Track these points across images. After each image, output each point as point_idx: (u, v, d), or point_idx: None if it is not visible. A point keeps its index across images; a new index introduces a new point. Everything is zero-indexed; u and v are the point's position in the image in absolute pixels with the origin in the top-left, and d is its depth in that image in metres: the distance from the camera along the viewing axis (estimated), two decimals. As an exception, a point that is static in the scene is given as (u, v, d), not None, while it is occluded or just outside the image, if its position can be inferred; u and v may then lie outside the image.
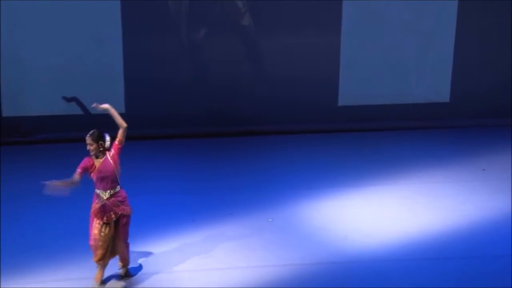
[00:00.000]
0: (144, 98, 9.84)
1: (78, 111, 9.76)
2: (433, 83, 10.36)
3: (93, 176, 6.52)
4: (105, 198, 6.51)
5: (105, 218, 6.52)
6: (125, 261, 6.80)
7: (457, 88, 10.35)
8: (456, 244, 7.51)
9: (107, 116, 9.63)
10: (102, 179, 6.49)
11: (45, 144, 9.64)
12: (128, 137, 9.59)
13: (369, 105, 10.22)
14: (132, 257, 7.08)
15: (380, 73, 10.19)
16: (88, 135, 6.54)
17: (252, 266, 7.08)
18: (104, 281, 6.76)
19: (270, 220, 7.91)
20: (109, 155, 6.59)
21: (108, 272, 6.74)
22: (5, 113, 9.57)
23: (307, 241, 7.56)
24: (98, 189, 6.53)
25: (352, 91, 10.18)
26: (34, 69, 9.61)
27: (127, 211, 6.62)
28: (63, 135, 9.72)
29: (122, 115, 9.60)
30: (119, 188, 6.60)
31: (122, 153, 9.44)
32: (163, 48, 9.81)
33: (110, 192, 6.53)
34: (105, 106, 6.72)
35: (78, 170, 6.52)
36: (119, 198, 6.57)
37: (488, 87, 10.36)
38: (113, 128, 9.70)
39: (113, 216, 6.54)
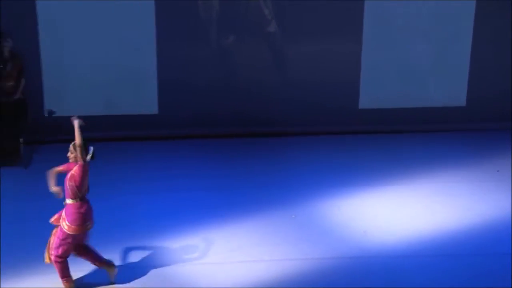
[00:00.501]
0: (175, 99, 9.85)
1: (115, 111, 9.82)
2: (450, 88, 10.27)
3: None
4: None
5: (53, 218, 6.51)
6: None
7: (473, 92, 10.23)
8: (470, 242, 7.48)
9: (138, 117, 9.79)
10: (65, 185, 6.33)
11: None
12: (159, 137, 9.77)
13: (388, 108, 10.18)
14: (161, 250, 7.20)
15: (399, 78, 10.13)
16: (72, 143, 6.38)
17: (276, 260, 7.11)
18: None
19: (293, 216, 7.93)
20: (74, 168, 6.32)
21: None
22: (47, 114, 9.51)
23: (328, 236, 7.57)
24: None
25: (372, 94, 10.13)
26: (74, 72, 9.66)
27: (62, 226, 6.33)
28: (101, 134, 9.71)
29: (155, 116, 9.84)
30: (67, 202, 6.35)
31: (157, 151, 9.55)
32: (194, 53, 9.82)
33: (65, 201, 6.38)
34: (74, 120, 6.51)
35: (61, 166, 6.42)
36: (66, 211, 6.36)
37: (504, 91, 10.22)
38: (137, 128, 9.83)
39: (55, 221, 6.45)
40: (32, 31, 9.37)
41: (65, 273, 6.48)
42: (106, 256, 6.93)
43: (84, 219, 6.36)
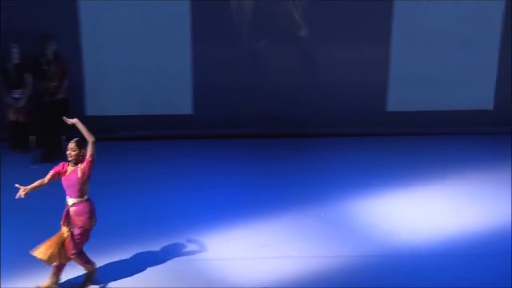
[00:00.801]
0: (209, 100, 9.87)
1: (151, 111, 9.86)
2: (477, 91, 10.15)
3: (62, 181, 6.31)
4: (69, 205, 6.33)
5: (63, 222, 6.35)
6: (86, 268, 6.55)
7: (501, 96, 10.11)
8: (496, 242, 7.41)
9: (173, 116, 9.85)
10: (67, 186, 6.30)
11: (123, 141, 9.79)
12: (193, 136, 9.82)
13: (416, 111, 10.09)
14: (193, 244, 7.22)
15: (427, 81, 10.03)
16: (73, 141, 6.31)
17: (305, 256, 7.12)
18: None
19: (322, 214, 7.92)
20: (80, 166, 6.25)
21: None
22: (88, 113, 9.71)
23: (356, 235, 7.56)
24: (66, 195, 6.33)
25: (400, 97, 10.06)
26: (113, 73, 9.72)
27: (83, 224, 6.32)
28: (137, 133, 9.86)
29: (189, 116, 9.90)
30: (83, 200, 6.32)
31: (191, 150, 9.62)
32: (228, 56, 9.85)
33: (74, 201, 6.29)
34: (74, 120, 6.42)
35: (51, 172, 6.33)
36: (80, 209, 6.30)
37: None
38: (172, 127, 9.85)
39: (69, 223, 6.33)
40: (75, 34, 9.47)
41: (88, 259, 6.54)
42: (145, 249, 7.08)
43: (95, 213, 6.45)
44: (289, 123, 9.96)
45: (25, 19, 9.22)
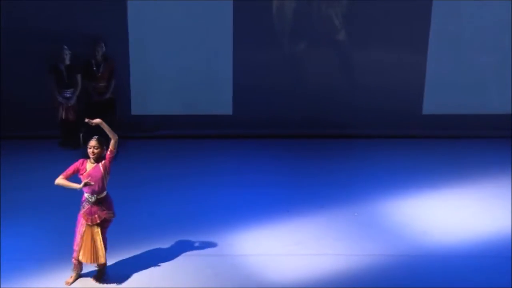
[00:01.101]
0: (249, 102, 9.89)
1: (192, 111, 9.92)
2: (503, 95, 10.02)
3: (82, 179, 6.20)
4: (91, 201, 6.24)
5: (90, 220, 6.25)
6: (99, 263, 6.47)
7: None
8: None
9: (213, 117, 9.88)
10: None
11: (165, 139, 9.84)
12: (233, 136, 9.86)
13: (451, 114, 10.01)
14: (231, 240, 7.25)
15: (462, 85, 9.94)
16: (94, 139, 6.27)
17: (338, 254, 7.09)
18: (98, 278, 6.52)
19: (355, 214, 7.90)
20: (101, 163, 6.24)
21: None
22: (133, 112, 9.82)
23: (388, 234, 7.52)
24: (86, 192, 6.24)
25: (436, 101, 9.99)
26: (158, 74, 9.80)
27: (110, 217, 6.34)
28: (179, 132, 9.91)
29: (229, 117, 9.92)
30: (105, 194, 6.31)
31: (230, 149, 9.65)
32: (267, 59, 9.85)
33: (97, 196, 6.24)
34: (97, 121, 6.33)
35: (71, 168, 6.26)
36: (104, 204, 6.29)
37: None
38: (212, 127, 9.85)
39: (97, 219, 6.25)
40: (123, 37, 9.56)
41: None
42: (186, 242, 7.15)
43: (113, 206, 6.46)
44: (326, 124, 9.95)
45: (77, 22, 9.34)
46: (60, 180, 6.23)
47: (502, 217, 7.87)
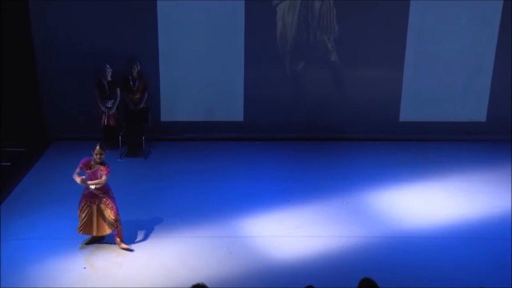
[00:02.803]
0: (257, 110, 9.83)
1: (211, 118, 9.87)
2: (473, 105, 9.93)
3: (87, 174, 6.48)
4: (92, 188, 6.49)
5: (89, 202, 6.52)
6: (118, 236, 6.67)
7: (492, 110, 9.89)
8: (488, 228, 7.33)
9: (228, 123, 9.89)
10: (90, 178, 6.49)
11: (189, 141, 9.80)
12: (244, 138, 9.84)
13: (424, 121, 9.94)
14: (242, 224, 7.26)
15: (433, 97, 9.84)
16: (99, 146, 6.48)
17: (330, 236, 7.11)
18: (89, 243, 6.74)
19: (345, 203, 7.89)
20: (101, 168, 6.48)
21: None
22: (163, 119, 9.80)
23: (372, 219, 7.53)
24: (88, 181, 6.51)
25: (410, 110, 9.90)
26: (183, 87, 9.75)
27: (109, 195, 6.57)
28: (200, 135, 9.87)
29: (240, 123, 9.91)
30: (101, 185, 6.52)
31: (242, 149, 9.58)
32: (272, 75, 9.79)
33: (95, 187, 6.48)
34: (78, 180, 6.45)
35: (80, 165, 6.48)
36: (102, 190, 6.51)
37: None
38: (227, 131, 9.85)
39: (95, 201, 6.52)
40: (154, 57, 9.52)
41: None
42: (202, 227, 7.18)
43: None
44: (321, 129, 9.89)
45: (117, 45, 9.34)
46: (74, 176, 6.44)
47: (465, 205, 7.87)
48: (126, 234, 6.85)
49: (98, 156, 6.49)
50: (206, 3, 9.33)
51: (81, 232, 6.66)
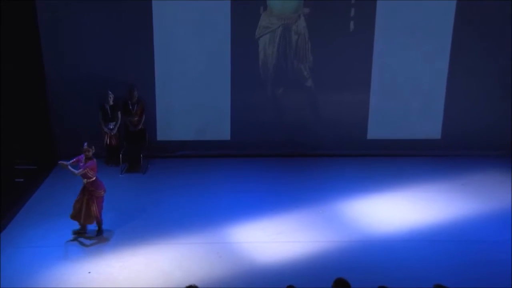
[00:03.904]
0: (243, 130, 9.81)
1: (201, 137, 9.81)
2: (430, 125, 10.00)
3: (79, 166, 6.88)
4: (84, 183, 6.92)
5: (82, 193, 6.92)
6: (97, 224, 7.08)
7: (446, 128, 9.96)
8: (443, 232, 7.42)
9: (216, 141, 9.83)
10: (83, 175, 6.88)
11: (182, 158, 9.77)
12: (231, 155, 9.80)
13: (388, 139, 9.98)
14: (229, 231, 7.23)
15: (396, 118, 9.92)
16: (87, 145, 6.86)
17: (308, 241, 7.10)
18: (77, 232, 7.05)
19: (320, 212, 7.89)
20: (89, 162, 6.84)
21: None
22: (159, 138, 9.77)
23: (345, 226, 7.53)
24: (83, 178, 6.91)
25: (377, 129, 9.96)
26: (177, 111, 9.72)
27: (98, 194, 6.96)
28: (192, 152, 9.84)
29: (228, 142, 9.88)
30: (93, 179, 6.90)
31: (229, 165, 9.54)
32: (256, 99, 9.80)
33: (87, 180, 6.89)
34: (63, 164, 6.84)
35: (75, 159, 6.91)
36: (94, 185, 6.91)
37: (471, 127, 9.88)
38: (215, 149, 9.80)
39: (87, 194, 6.90)
40: (151, 83, 9.52)
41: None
42: (192, 234, 7.12)
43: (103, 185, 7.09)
44: (299, 146, 9.89)
45: (118, 74, 9.33)
46: (65, 165, 6.82)
47: (424, 212, 7.91)
48: (127, 241, 6.88)
49: (86, 153, 6.86)
50: (197, 35, 9.40)
51: (73, 219, 7.00)
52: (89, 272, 6.34)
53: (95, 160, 6.95)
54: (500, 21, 9.49)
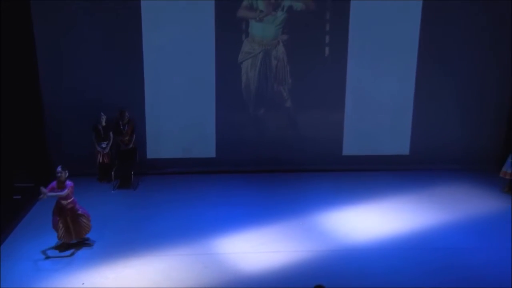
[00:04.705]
0: (227, 148, 9.86)
1: (188, 155, 9.81)
2: (399, 141, 10.14)
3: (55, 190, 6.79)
4: (65, 204, 6.86)
5: (62, 215, 6.87)
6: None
7: (414, 145, 10.13)
8: (412, 240, 7.49)
9: (202, 159, 9.80)
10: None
11: (171, 175, 9.78)
12: (217, 171, 9.77)
13: (362, 155, 10.11)
14: (214, 242, 7.20)
15: (369, 135, 10.05)
16: (61, 168, 6.79)
17: (288, 251, 7.12)
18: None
19: (300, 223, 7.94)
20: (66, 184, 6.79)
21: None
22: (148, 156, 9.78)
23: (323, 236, 7.55)
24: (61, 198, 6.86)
25: (351, 146, 10.08)
26: (165, 130, 9.75)
27: (75, 206, 6.92)
28: (180, 169, 9.84)
29: (213, 159, 9.89)
30: (70, 200, 6.89)
31: (215, 181, 9.52)
32: (239, 118, 9.85)
33: (67, 200, 6.86)
34: (44, 192, 6.74)
35: (50, 187, 6.77)
36: (72, 202, 6.89)
37: (436, 143, 10.06)
38: (201, 166, 9.79)
39: (69, 212, 6.89)
40: (141, 106, 9.57)
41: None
42: (181, 245, 7.07)
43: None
44: (279, 162, 9.94)
45: (110, 96, 9.36)
46: (45, 192, 6.69)
47: (397, 222, 7.98)
48: (119, 253, 6.88)
49: (61, 175, 6.75)
50: (184, 60, 9.49)
51: (64, 239, 6.92)
52: (83, 284, 6.33)
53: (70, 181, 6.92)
54: (460, 46, 9.81)
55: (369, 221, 8.03)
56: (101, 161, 9.23)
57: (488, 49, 9.84)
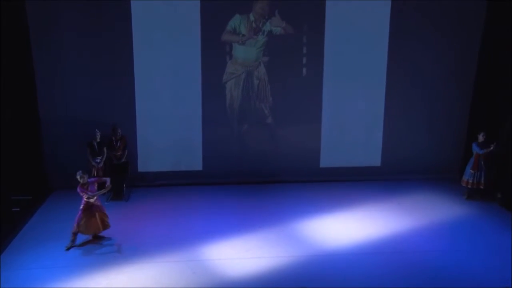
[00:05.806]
0: (213, 161, 9.87)
1: (176, 168, 9.81)
2: (371, 154, 10.25)
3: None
4: (94, 201, 7.22)
5: (92, 212, 7.19)
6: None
7: (385, 157, 10.27)
8: (384, 245, 7.56)
9: (190, 172, 9.74)
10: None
11: (160, 187, 9.76)
12: (204, 183, 9.71)
13: (337, 167, 10.19)
14: (202, 249, 7.19)
15: (343, 148, 10.14)
16: (82, 173, 7.16)
17: (272, 256, 7.15)
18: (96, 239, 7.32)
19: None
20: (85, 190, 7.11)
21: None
22: (139, 170, 9.69)
23: (303, 243, 7.57)
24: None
25: (328, 158, 10.16)
26: (156, 145, 9.75)
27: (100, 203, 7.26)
28: (169, 181, 9.83)
29: (200, 172, 9.84)
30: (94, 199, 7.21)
31: (201, 192, 9.47)
32: (223, 134, 9.90)
33: (95, 198, 7.22)
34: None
35: (84, 190, 7.12)
36: (98, 199, 7.24)
37: (405, 155, 10.20)
38: (189, 178, 9.74)
39: (97, 209, 7.22)
40: (132, 123, 9.55)
41: None
42: (169, 252, 7.08)
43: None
44: (262, 175, 9.97)
45: (104, 114, 9.38)
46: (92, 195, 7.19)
47: (370, 228, 8.05)
48: (112, 261, 6.84)
49: (83, 179, 7.17)
50: (173, 80, 9.55)
51: (94, 232, 7.27)
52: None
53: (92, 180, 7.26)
54: (425, 65, 10.04)
55: (346, 228, 8.08)
56: (95, 174, 9.15)
57: (452, 68, 10.06)
